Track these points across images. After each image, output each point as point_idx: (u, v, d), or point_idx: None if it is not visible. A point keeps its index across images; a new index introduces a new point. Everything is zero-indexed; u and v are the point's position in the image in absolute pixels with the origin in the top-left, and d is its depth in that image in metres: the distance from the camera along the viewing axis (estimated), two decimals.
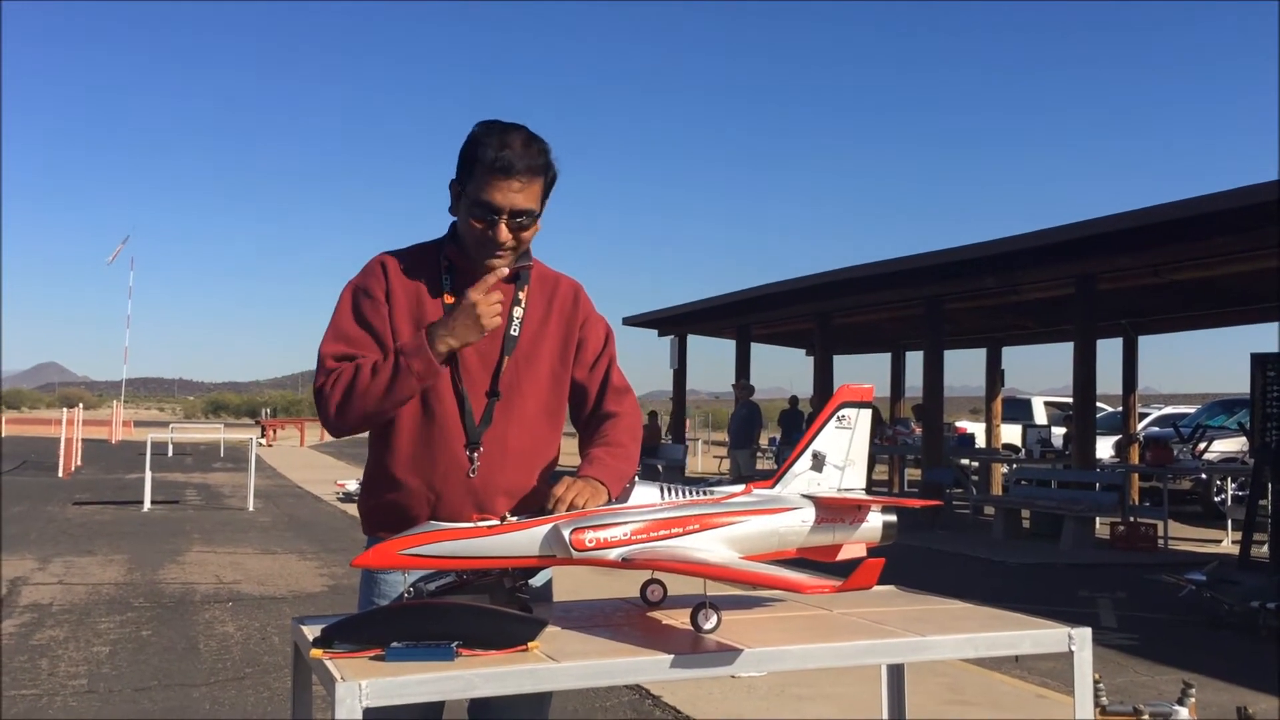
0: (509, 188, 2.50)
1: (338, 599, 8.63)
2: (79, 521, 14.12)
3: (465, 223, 2.57)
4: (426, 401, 2.57)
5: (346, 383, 2.48)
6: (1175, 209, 11.83)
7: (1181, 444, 16.01)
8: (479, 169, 2.50)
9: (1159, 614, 8.64)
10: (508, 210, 2.51)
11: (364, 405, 2.49)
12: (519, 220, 2.53)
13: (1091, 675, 2.33)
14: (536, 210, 2.57)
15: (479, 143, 2.52)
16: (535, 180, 2.54)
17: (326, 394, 2.51)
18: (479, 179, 2.51)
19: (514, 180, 2.49)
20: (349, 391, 2.48)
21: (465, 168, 2.55)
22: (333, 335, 2.57)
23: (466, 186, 2.54)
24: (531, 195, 2.54)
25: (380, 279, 2.60)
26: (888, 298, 17.39)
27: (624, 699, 5.74)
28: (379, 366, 2.47)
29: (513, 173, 2.49)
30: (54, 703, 5.61)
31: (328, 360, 2.54)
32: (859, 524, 2.51)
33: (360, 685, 1.85)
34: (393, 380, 2.46)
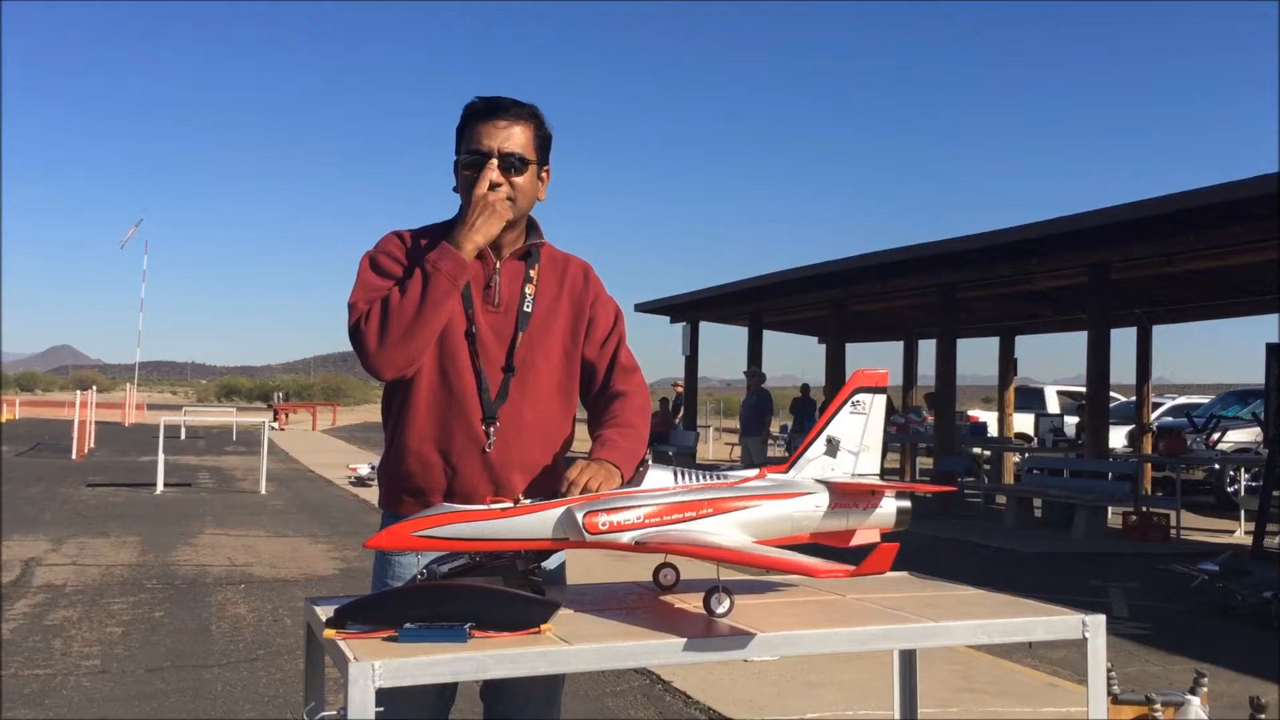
0: (495, 127, 2.55)
1: (349, 582, 8.66)
2: (92, 503, 14.20)
3: (463, 182, 2.61)
4: (444, 376, 2.58)
5: (380, 311, 2.47)
6: (1190, 198, 11.76)
7: (1195, 434, 15.95)
8: (468, 125, 2.59)
9: (1171, 604, 8.62)
10: (496, 151, 2.55)
11: (400, 324, 2.44)
12: (510, 161, 2.56)
13: (1105, 663, 2.32)
14: (528, 157, 2.58)
15: (468, 107, 2.61)
16: (522, 123, 2.59)
17: (363, 330, 2.47)
18: (468, 133, 2.58)
19: (498, 119, 2.55)
20: (384, 317, 2.46)
21: (459, 135, 2.62)
22: (359, 289, 2.58)
23: (459, 148, 2.61)
24: (521, 140, 2.58)
25: (399, 246, 2.63)
26: (902, 285, 17.33)
27: (634, 684, 5.75)
28: (407, 284, 2.48)
29: (496, 113, 2.56)
30: (67, 682, 5.64)
31: (359, 304, 2.52)
32: (873, 509, 2.50)
33: (374, 666, 1.85)
34: (425, 289, 2.45)
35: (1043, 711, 5.40)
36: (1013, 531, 13.49)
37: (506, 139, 2.55)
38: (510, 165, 2.56)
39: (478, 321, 2.60)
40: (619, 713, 5.30)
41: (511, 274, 2.65)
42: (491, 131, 2.55)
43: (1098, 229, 13.05)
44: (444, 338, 2.58)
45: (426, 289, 2.45)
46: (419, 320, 2.45)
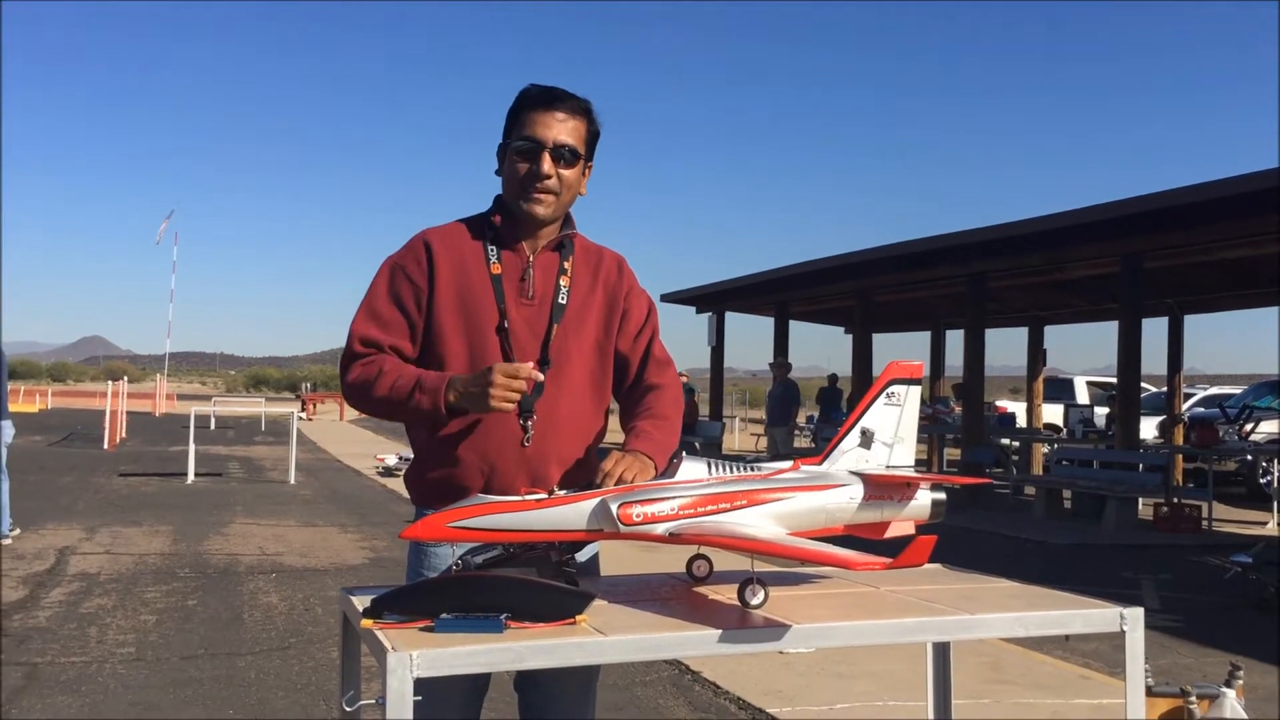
0: (552, 118, 2.56)
1: (379, 571, 8.72)
2: (125, 493, 14.34)
3: (510, 167, 2.61)
4: None
5: (367, 379, 2.54)
6: (1224, 186, 11.64)
7: (1227, 425, 15.78)
8: (524, 111, 2.58)
9: (1203, 596, 8.54)
10: (551, 143, 2.56)
11: (374, 407, 2.57)
12: (561, 153, 2.56)
13: (1143, 656, 2.30)
14: (580, 150, 2.59)
15: (523, 93, 2.60)
16: (578, 118, 2.59)
17: (349, 381, 2.59)
18: (522, 119, 2.58)
19: (556, 111, 2.56)
20: (366, 389, 2.54)
21: (511, 119, 2.62)
22: (365, 313, 2.60)
23: (511, 134, 2.60)
24: (574, 132, 2.59)
25: (422, 258, 2.61)
26: (930, 275, 17.24)
27: (664, 674, 5.76)
28: (398, 383, 2.50)
29: (554, 104, 2.56)
30: (103, 669, 5.70)
31: (356, 342, 2.59)
32: (907, 501, 2.49)
33: (411, 656, 1.86)
34: (405, 401, 2.50)
35: (1075, 703, 5.37)
36: (1042, 523, 13.41)
37: (562, 130, 2.57)
38: (561, 157, 2.57)
39: (511, 315, 2.59)
40: (648, 703, 5.32)
41: (546, 266, 2.65)
42: (549, 121, 2.56)
43: (1131, 217, 12.93)
44: (474, 334, 2.58)
45: (404, 405, 2.50)
46: (390, 411, 2.55)
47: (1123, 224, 13.19)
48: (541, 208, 2.59)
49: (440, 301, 2.58)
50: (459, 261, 2.61)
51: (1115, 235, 13.55)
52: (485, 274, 2.60)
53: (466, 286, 2.59)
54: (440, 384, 2.45)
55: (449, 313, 2.58)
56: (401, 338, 2.59)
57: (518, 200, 2.60)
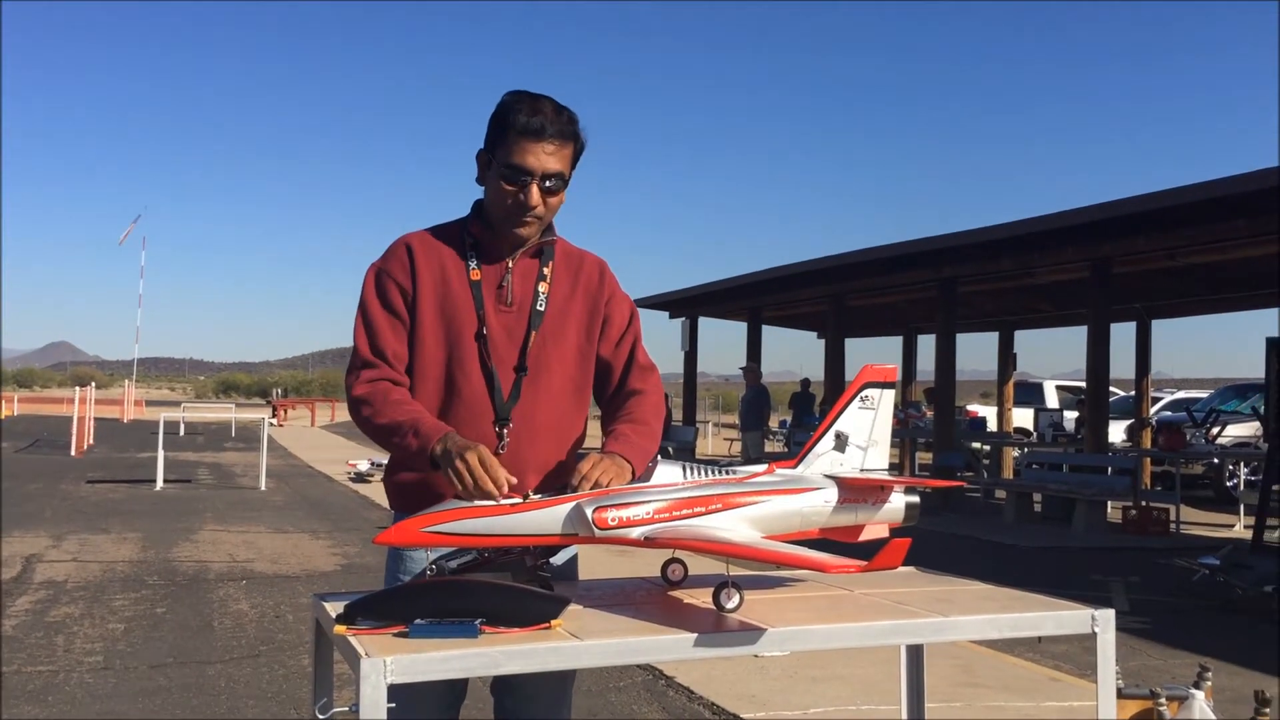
0: (542, 150, 2.52)
1: (350, 578, 8.66)
2: (92, 499, 14.19)
3: (495, 189, 2.57)
4: (453, 379, 2.57)
5: (367, 414, 2.53)
6: (1190, 192, 11.76)
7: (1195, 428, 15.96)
8: (511, 134, 2.52)
9: (1172, 598, 8.62)
10: (540, 173, 2.52)
11: (374, 431, 2.55)
12: (549, 184, 2.54)
13: (1114, 657, 2.32)
14: (566, 175, 2.58)
15: (510, 109, 2.54)
16: (566, 145, 2.56)
17: (355, 395, 2.57)
18: (510, 143, 2.53)
19: (546, 143, 2.52)
20: (367, 422, 2.54)
21: (496, 134, 2.56)
22: (364, 326, 2.59)
23: (496, 152, 2.56)
24: (562, 159, 2.56)
25: (404, 262, 2.60)
26: (901, 280, 17.33)
27: (638, 679, 5.75)
28: (396, 424, 2.47)
29: (545, 135, 2.51)
30: (70, 679, 5.64)
31: (364, 352, 2.58)
32: (881, 504, 2.50)
33: (385, 662, 1.85)
34: (397, 434, 2.48)
35: (1045, 706, 5.41)
36: (1012, 526, 13.50)
37: (551, 161, 2.53)
38: (550, 190, 2.55)
39: (489, 322, 2.59)
40: (622, 708, 5.31)
41: (524, 272, 2.64)
42: (538, 152, 2.51)
43: (1099, 223, 13.05)
44: (452, 340, 2.58)
45: (401, 437, 2.46)
46: (384, 442, 2.53)
47: (1091, 230, 13.31)
48: (526, 230, 2.59)
49: (422, 306, 2.58)
50: (440, 267, 2.60)
51: (1084, 241, 13.67)
52: (465, 280, 2.60)
53: (446, 293, 2.58)
54: (435, 435, 2.41)
55: (429, 319, 2.58)
56: (400, 343, 2.58)
57: (503, 224, 2.59)
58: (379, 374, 2.55)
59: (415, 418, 2.46)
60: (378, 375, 2.55)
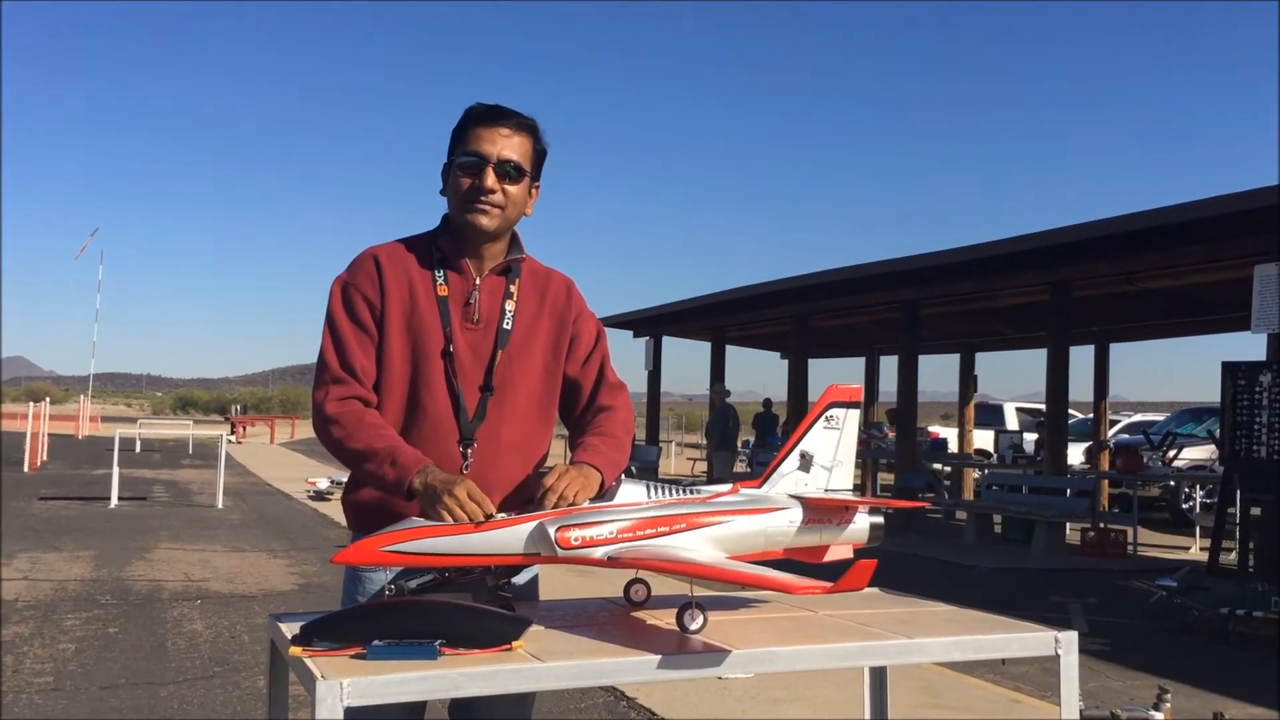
0: (496, 134, 2.53)
1: (308, 597, 8.55)
2: (45, 517, 13.95)
3: (454, 184, 2.56)
4: (416, 397, 2.54)
5: (339, 435, 2.47)
6: (1148, 217, 11.92)
7: (1152, 451, 16.12)
8: (468, 128, 2.55)
9: (1129, 619, 8.69)
10: (495, 158, 2.52)
11: (343, 460, 2.50)
12: (506, 169, 2.53)
13: (1077, 679, 2.31)
14: (525, 167, 2.56)
15: (468, 111, 2.58)
16: (522, 134, 2.57)
17: (325, 427, 2.50)
18: (467, 136, 2.55)
19: (501, 127, 2.53)
20: (338, 444, 2.48)
21: (455, 138, 2.58)
22: (332, 341, 2.55)
23: (455, 151, 2.57)
24: (519, 148, 2.56)
25: (373, 276, 2.56)
26: (864, 301, 17.42)
27: (599, 700, 5.71)
28: (372, 451, 2.42)
29: (499, 120, 2.53)
30: (19, 700, 5.51)
31: (330, 377, 2.51)
32: (846, 525, 2.49)
33: (342, 684, 1.81)
34: (371, 472, 2.43)
35: None
36: (973, 547, 13.57)
37: (506, 146, 2.53)
38: (506, 173, 2.53)
39: (456, 340, 2.55)
40: None
41: (491, 290, 2.61)
42: (493, 137, 2.52)
43: (1059, 247, 13.19)
44: (418, 357, 2.54)
45: (372, 467, 2.42)
46: (354, 466, 2.49)
47: (1051, 253, 13.44)
48: (485, 218, 2.54)
49: (389, 321, 2.54)
50: (407, 282, 2.56)
51: (1043, 264, 13.80)
52: (432, 296, 2.56)
53: (414, 309, 2.55)
54: (413, 467, 2.36)
55: (396, 334, 2.54)
56: (368, 358, 2.54)
57: (462, 214, 2.55)
58: (349, 391, 2.50)
59: (392, 446, 2.41)
60: (348, 393, 2.50)
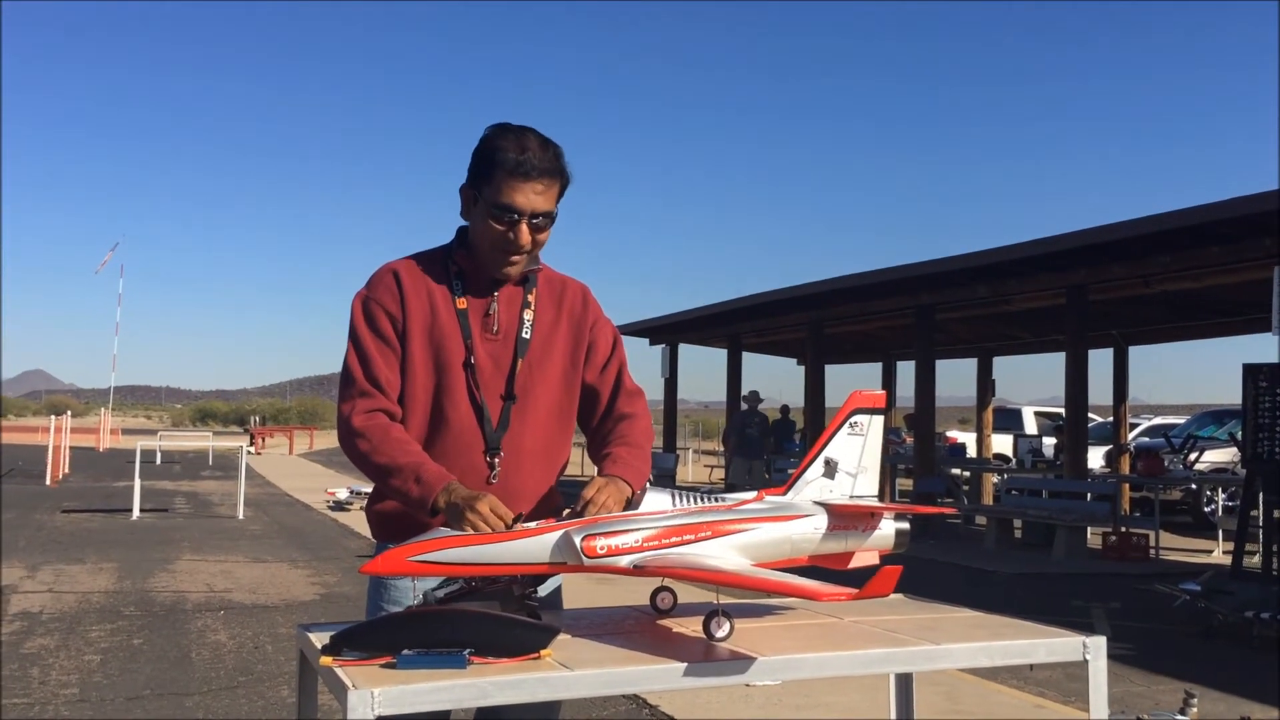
0: (531, 190, 2.50)
1: (330, 607, 8.58)
2: (68, 529, 14.03)
3: (483, 225, 2.55)
4: (441, 409, 2.56)
5: (365, 449, 2.49)
6: (1167, 219, 11.88)
7: (1172, 454, 16.04)
8: (499, 173, 2.50)
9: (1153, 624, 8.64)
10: (529, 212, 2.51)
11: (367, 473, 2.52)
12: (536, 222, 2.53)
13: (1106, 684, 2.31)
14: (554, 213, 2.56)
15: (496, 147, 2.51)
16: (554, 183, 2.55)
17: (351, 441, 2.52)
18: (498, 182, 2.50)
19: (535, 183, 2.50)
20: (364, 458, 2.50)
21: (483, 171, 2.54)
22: (356, 355, 2.56)
23: (484, 191, 2.53)
24: (550, 198, 2.55)
25: (393, 290, 2.58)
26: (880, 307, 17.41)
27: (621, 708, 5.71)
28: (397, 466, 2.44)
29: (533, 175, 2.49)
30: (46, 711, 5.55)
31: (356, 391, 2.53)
32: (871, 531, 2.49)
33: (373, 693, 1.82)
34: (397, 487, 2.45)
35: None
36: (993, 552, 13.51)
37: (539, 201, 2.51)
38: (538, 227, 2.54)
39: (477, 351, 2.58)
40: None
41: (509, 300, 2.63)
42: (526, 191, 2.49)
43: (1076, 250, 13.16)
44: (440, 369, 2.56)
45: (397, 483, 2.44)
46: (379, 480, 2.50)
47: (1068, 257, 13.41)
48: (514, 269, 2.59)
49: (411, 334, 2.56)
50: (427, 296, 2.58)
51: (1060, 268, 13.77)
52: (452, 309, 2.59)
53: (435, 322, 2.57)
54: (438, 484, 2.39)
55: (419, 348, 2.56)
56: (393, 371, 2.56)
57: (491, 262, 2.58)
58: (375, 404, 2.52)
59: (417, 463, 2.43)
60: (374, 406, 2.52)
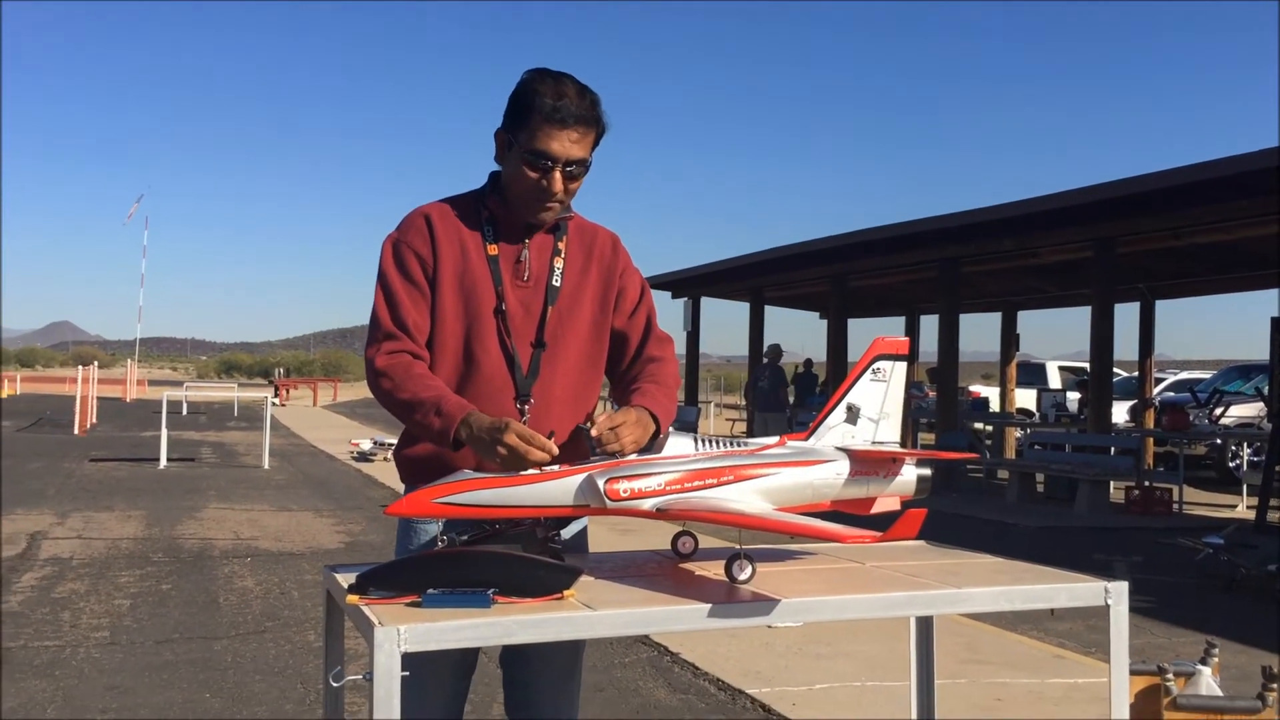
0: (567, 137, 2.47)
1: (355, 555, 8.68)
2: (96, 478, 14.21)
3: (517, 171, 2.53)
4: (470, 355, 2.56)
5: (388, 387, 2.49)
6: (1196, 171, 11.72)
7: (1198, 409, 15.94)
8: (535, 118, 2.46)
9: (1175, 577, 8.63)
10: (564, 160, 2.49)
11: (389, 404, 2.52)
12: (571, 169, 2.51)
13: (1127, 630, 2.31)
14: (589, 161, 2.55)
15: (534, 92, 2.48)
16: (590, 131, 2.52)
17: (376, 382, 2.53)
18: (534, 129, 2.47)
19: (572, 130, 2.47)
20: (388, 396, 2.50)
21: (519, 117, 2.50)
22: (384, 297, 2.56)
23: (519, 135, 2.50)
24: (586, 145, 2.52)
25: (424, 234, 2.57)
26: (903, 260, 17.30)
27: (643, 655, 5.77)
28: (419, 401, 2.44)
29: (570, 122, 2.46)
30: (77, 654, 5.65)
31: (381, 334, 2.53)
32: (893, 477, 2.49)
33: (399, 630, 1.84)
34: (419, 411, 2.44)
35: (1050, 682, 5.41)
36: (1015, 506, 13.51)
37: (575, 148, 2.49)
38: (573, 175, 2.52)
39: (508, 297, 2.58)
40: (628, 684, 5.32)
41: (540, 247, 2.63)
42: (562, 139, 2.47)
43: (1103, 203, 13.01)
44: (471, 315, 2.56)
45: (423, 415, 2.43)
46: (403, 417, 2.50)
47: (1094, 209, 13.27)
48: (548, 215, 2.58)
49: (442, 279, 2.56)
50: (459, 241, 2.58)
51: (1087, 220, 13.63)
52: (483, 255, 2.58)
53: (466, 268, 2.56)
54: (458, 415, 2.38)
55: (449, 293, 2.56)
56: (421, 315, 2.56)
57: (525, 210, 2.56)
58: (400, 346, 2.52)
59: (438, 395, 2.43)
60: (399, 348, 2.52)
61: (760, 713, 4.88)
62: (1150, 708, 4.06)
